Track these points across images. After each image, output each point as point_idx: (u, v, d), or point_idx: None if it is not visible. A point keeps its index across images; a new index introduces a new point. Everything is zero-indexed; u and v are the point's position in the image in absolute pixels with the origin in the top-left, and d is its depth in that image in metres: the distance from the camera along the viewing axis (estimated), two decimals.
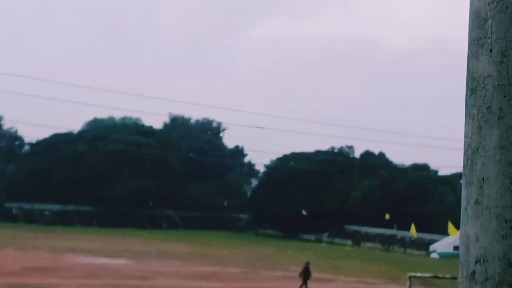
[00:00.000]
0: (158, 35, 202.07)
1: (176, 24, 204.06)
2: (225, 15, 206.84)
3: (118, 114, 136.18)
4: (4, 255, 52.88)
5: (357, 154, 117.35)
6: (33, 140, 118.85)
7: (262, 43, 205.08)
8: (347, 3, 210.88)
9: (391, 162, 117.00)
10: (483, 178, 2.25)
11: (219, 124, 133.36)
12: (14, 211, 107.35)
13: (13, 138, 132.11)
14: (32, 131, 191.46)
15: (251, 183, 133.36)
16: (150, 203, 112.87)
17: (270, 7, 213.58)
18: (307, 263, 46.15)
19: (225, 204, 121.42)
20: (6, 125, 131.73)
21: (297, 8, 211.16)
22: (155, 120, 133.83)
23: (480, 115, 2.29)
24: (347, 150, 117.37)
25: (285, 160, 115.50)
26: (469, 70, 2.39)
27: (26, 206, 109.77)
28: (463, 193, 2.33)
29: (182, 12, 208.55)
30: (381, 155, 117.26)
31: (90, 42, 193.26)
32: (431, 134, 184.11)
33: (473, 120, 2.32)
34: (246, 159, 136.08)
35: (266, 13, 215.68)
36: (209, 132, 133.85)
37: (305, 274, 44.52)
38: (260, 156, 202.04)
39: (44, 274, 42.60)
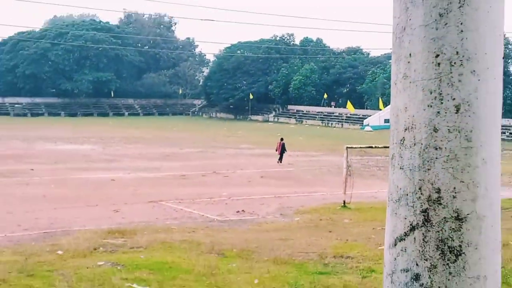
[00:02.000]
0: None
1: None
2: None
3: (76, 12, 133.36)
4: None
5: (297, 41, 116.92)
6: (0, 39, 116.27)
7: None
8: None
9: (328, 47, 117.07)
10: (410, 54, 2.25)
11: (171, 18, 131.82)
12: None
13: None
14: None
15: (203, 72, 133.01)
16: (112, 93, 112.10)
17: None
18: (282, 139, 46.61)
19: (180, 92, 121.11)
20: None
21: None
22: (111, 16, 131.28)
23: None
24: (288, 38, 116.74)
25: (232, 49, 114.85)
26: None
27: None
28: (393, 68, 2.34)
29: None
30: (319, 41, 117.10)
31: None
32: (363, 19, 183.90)
33: (400, 1, 2.31)
34: (197, 50, 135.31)
35: None
36: (161, 26, 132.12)
37: (282, 149, 45.07)
38: (210, 47, 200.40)
39: (19, 160, 42.49)
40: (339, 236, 21.33)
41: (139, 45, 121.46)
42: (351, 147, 29.87)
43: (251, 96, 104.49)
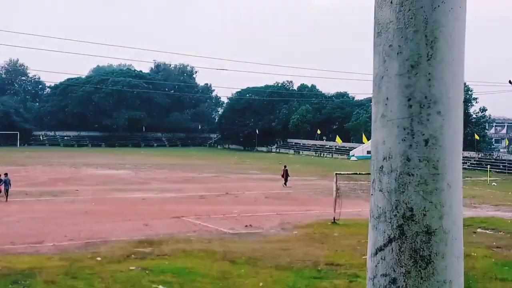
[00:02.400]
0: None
1: None
2: None
3: (115, 62, 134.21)
4: (35, 170, 52.58)
5: (295, 87, 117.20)
6: (52, 84, 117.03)
7: (219, 7, 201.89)
8: None
9: (320, 92, 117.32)
10: (387, 98, 2.27)
11: (192, 68, 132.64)
12: (41, 138, 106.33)
13: (37, 83, 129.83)
14: (51, 77, 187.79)
15: (218, 111, 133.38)
16: (143, 128, 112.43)
17: None
18: (285, 166, 46.60)
19: (199, 127, 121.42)
20: (31, 73, 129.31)
21: None
22: (144, 66, 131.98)
23: (384, 51, 2.30)
24: (288, 84, 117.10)
25: (242, 93, 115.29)
26: (375, 18, 2.37)
27: (50, 133, 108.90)
28: (373, 109, 2.35)
29: None
30: (313, 86, 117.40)
31: (93, 11, 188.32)
32: (349, 69, 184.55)
33: (379, 55, 2.32)
34: (213, 94, 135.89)
35: None
36: (185, 74, 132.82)
37: (286, 175, 45.07)
38: (224, 91, 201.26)
39: (67, 183, 42.53)
40: (330, 247, 21.22)
41: (167, 89, 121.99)
42: (339, 173, 29.82)
43: (257, 131, 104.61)
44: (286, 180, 44.55)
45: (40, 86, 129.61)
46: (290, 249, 20.60)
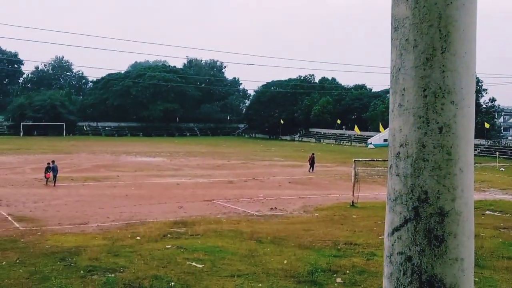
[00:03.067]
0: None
1: None
2: None
3: (151, 59, 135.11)
4: (80, 158, 53.27)
5: (316, 79, 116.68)
6: (94, 79, 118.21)
7: (245, 6, 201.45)
8: None
9: (340, 84, 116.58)
10: (404, 89, 2.25)
11: (222, 63, 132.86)
12: (84, 128, 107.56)
13: (80, 78, 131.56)
14: (93, 72, 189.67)
15: (245, 103, 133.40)
16: (177, 119, 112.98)
17: None
18: (313, 154, 46.64)
19: (227, 118, 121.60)
20: (75, 69, 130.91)
21: None
22: (177, 61, 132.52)
23: (401, 45, 2.28)
24: (310, 77, 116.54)
25: (267, 86, 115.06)
26: (392, 14, 2.35)
27: (92, 124, 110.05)
28: (390, 99, 2.33)
29: None
30: (333, 79, 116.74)
31: (132, 12, 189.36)
32: (367, 63, 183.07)
33: (396, 48, 2.30)
34: (241, 87, 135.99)
35: None
36: (215, 69, 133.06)
37: (312, 161, 45.09)
38: (251, 84, 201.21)
39: (108, 169, 43.02)
40: (348, 228, 21.16)
41: (198, 83, 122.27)
42: (358, 160, 29.66)
43: (281, 121, 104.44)
44: (312, 166, 44.51)
45: (84, 80, 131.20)
46: (311, 229, 20.59)
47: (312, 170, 44.10)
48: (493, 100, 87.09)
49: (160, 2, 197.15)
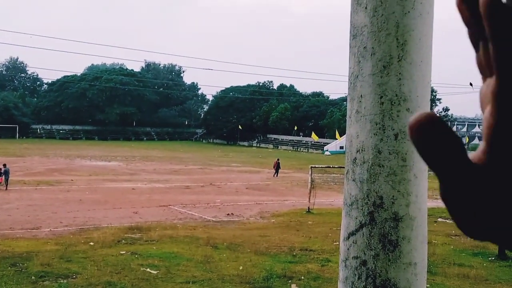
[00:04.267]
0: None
1: None
2: None
3: (108, 61, 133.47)
4: (33, 161, 51.99)
5: (275, 86, 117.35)
6: (49, 81, 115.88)
7: (207, 10, 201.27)
8: None
9: (298, 91, 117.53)
10: (361, 95, 2.28)
11: (180, 67, 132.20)
12: (38, 131, 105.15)
13: (35, 80, 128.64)
14: (48, 74, 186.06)
15: (203, 108, 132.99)
16: (134, 123, 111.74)
17: None
18: (278, 159, 47.00)
19: (186, 123, 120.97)
20: (29, 71, 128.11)
21: None
22: (135, 65, 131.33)
23: (359, 52, 2.31)
24: (268, 83, 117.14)
25: (226, 92, 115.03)
26: (351, 21, 2.38)
27: (47, 127, 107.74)
28: (348, 106, 2.36)
29: None
30: (291, 86, 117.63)
31: (88, 13, 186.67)
32: (324, 70, 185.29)
33: (354, 56, 2.34)
34: (200, 92, 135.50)
35: None
36: (173, 73, 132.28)
37: (277, 167, 45.39)
38: (209, 89, 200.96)
39: (62, 173, 42.13)
40: (304, 234, 21.30)
41: (156, 87, 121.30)
42: (314, 167, 29.94)
43: (239, 127, 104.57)
44: (277, 172, 45.03)
45: (38, 82, 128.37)
46: (268, 235, 20.63)
47: (277, 175, 44.51)
48: (446, 109, 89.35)
49: (118, 5, 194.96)
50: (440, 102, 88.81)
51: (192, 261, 16.14)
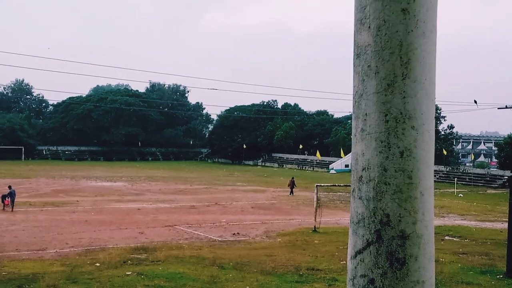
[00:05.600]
0: (137, 26, 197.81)
1: (147, 16, 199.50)
2: (182, 8, 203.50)
3: (113, 82, 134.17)
4: (39, 182, 52.11)
5: (279, 105, 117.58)
6: (55, 102, 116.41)
7: (210, 30, 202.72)
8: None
9: (302, 110, 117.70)
10: (366, 114, 2.29)
11: (185, 87, 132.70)
12: (44, 152, 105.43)
13: (41, 101, 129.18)
14: (54, 96, 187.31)
15: (208, 128, 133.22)
16: (139, 143, 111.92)
17: (211, 4, 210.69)
18: (293, 178, 47.28)
19: (191, 142, 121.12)
20: (35, 92, 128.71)
21: (231, 3, 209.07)
22: (140, 85, 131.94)
23: (363, 71, 2.33)
24: (273, 103, 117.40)
25: (231, 111, 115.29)
26: (355, 41, 2.41)
27: (52, 148, 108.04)
28: (353, 124, 2.37)
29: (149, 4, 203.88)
30: (296, 105, 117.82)
31: (94, 35, 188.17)
32: (328, 89, 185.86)
33: (358, 75, 2.35)
34: (204, 111, 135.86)
35: (214, 7, 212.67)
36: (178, 93, 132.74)
37: (292, 185, 45.60)
38: (214, 109, 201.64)
39: (68, 194, 42.18)
40: (311, 253, 21.18)
41: (161, 107, 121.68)
42: (320, 185, 29.87)
43: (244, 146, 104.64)
44: (292, 190, 45.30)
45: (44, 104, 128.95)
46: (274, 255, 20.53)
47: (292, 194, 44.72)
48: (451, 127, 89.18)
49: (123, 26, 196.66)
50: (445, 120, 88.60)
51: (199, 282, 16.05)
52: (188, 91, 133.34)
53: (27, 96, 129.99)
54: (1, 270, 17.03)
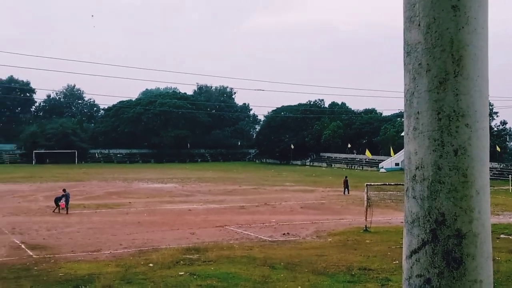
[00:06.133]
0: (182, 29, 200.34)
1: (192, 22, 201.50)
2: (228, 11, 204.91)
3: (162, 86, 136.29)
4: (92, 185, 53.44)
5: (326, 104, 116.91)
6: (106, 106, 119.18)
7: (255, 31, 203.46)
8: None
9: (350, 109, 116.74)
10: (418, 112, 2.28)
11: (231, 89, 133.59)
12: (96, 155, 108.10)
13: (92, 106, 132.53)
14: (104, 100, 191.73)
15: (255, 129, 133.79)
16: (188, 145, 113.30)
17: (256, 6, 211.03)
18: (346, 177, 47.16)
19: (238, 143, 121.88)
20: (86, 97, 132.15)
21: (277, 4, 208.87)
22: (188, 88, 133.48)
23: (414, 69, 2.31)
24: (319, 102, 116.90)
25: (278, 112, 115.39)
26: (405, 39, 2.40)
27: (104, 151, 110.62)
28: (405, 123, 2.36)
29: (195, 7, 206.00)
30: (343, 104, 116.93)
31: (142, 39, 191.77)
32: (376, 87, 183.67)
33: (409, 73, 2.34)
34: (251, 112, 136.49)
35: (258, 9, 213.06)
36: (225, 95, 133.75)
37: (346, 184, 45.54)
38: (261, 109, 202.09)
39: (120, 196, 43.09)
40: (362, 253, 20.98)
41: (208, 109, 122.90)
42: (370, 184, 29.53)
43: (292, 146, 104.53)
44: (347, 189, 45.04)
45: (95, 108, 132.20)
46: (325, 255, 20.44)
47: (348, 193, 44.47)
48: (504, 123, 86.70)
49: (169, 30, 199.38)
50: (497, 116, 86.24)
51: (250, 281, 16.14)
52: (235, 93, 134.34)
53: (79, 101, 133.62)
54: (58, 271, 17.57)
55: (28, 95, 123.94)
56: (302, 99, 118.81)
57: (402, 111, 2.42)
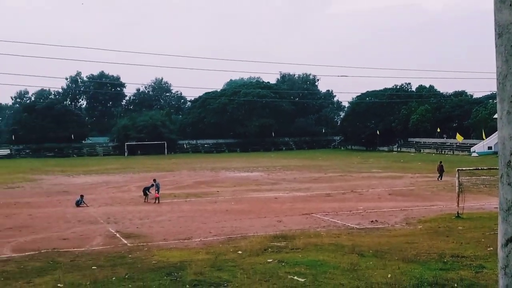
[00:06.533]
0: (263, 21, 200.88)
1: (275, 10, 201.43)
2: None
3: (245, 76, 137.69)
4: (181, 175, 55.00)
5: (413, 88, 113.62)
6: (192, 98, 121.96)
7: (337, 17, 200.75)
8: None
9: (438, 92, 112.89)
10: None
11: (314, 76, 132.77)
12: (185, 146, 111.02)
13: (179, 98, 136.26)
14: (191, 92, 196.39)
15: (340, 115, 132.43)
16: (273, 134, 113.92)
17: None
18: (441, 162, 46.17)
19: (323, 131, 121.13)
20: (174, 90, 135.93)
21: None
22: (271, 77, 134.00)
23: (506, 51, 2.24)
24: (406, 86, 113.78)
25: (362, 97, 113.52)
26: (496, 20, 2.31)
27: (192, 142, 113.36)
28: (498, 107, 2.28)
29: None
30: (431, 87, 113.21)
31: (225, 31, 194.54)
32: (466, 68, 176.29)
33: (502, 55, 2.26)
34: (335, 99, 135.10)
35: None
36: (308, 82, 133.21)
37: (441, 169, 44.61)
38: (345, 96, 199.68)
39: (209, 185, 44.08)
40: (454, 240, 20.36)
41: (292, 97, 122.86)
42: (461, 169, 28.51)
43: (378, 132, 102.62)
44: (441, 175, 43.83)
45: (182, 100, 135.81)
46: (415, 242, 20.00)
47: (441, 179, 43.29)
48: None
49: (250, 20, 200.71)
50: None
51: (339, 269, 16.09)
52: (318, 80, 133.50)
53: (167, 94, 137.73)
54: (151, 259, 18.27)
55: (119, 89, 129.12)
56: (388, 83, 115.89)
57: (494, 92, 2.32)
